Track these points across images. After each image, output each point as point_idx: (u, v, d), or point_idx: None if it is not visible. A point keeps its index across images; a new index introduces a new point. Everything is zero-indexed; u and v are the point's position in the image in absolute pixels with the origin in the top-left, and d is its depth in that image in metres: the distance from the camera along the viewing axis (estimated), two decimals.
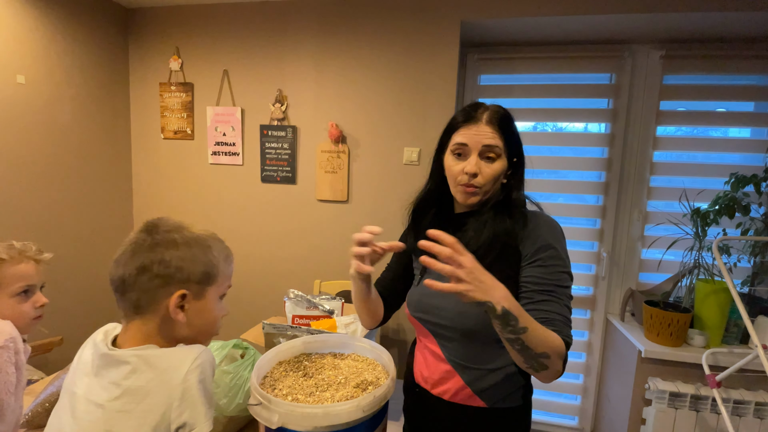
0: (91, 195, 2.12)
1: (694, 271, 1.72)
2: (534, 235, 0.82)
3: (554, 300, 0.77)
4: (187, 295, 0.66)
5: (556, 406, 2.22)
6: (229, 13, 2.10)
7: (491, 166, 0.83)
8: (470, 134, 0.83)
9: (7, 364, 0.87)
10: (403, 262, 1.04)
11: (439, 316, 0.87)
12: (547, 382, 0.76)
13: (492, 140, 0.82)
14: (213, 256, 0.69)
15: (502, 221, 0.83)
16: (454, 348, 0.87)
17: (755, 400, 1.56)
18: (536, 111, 2.06)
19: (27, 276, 0.96)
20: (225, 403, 1.03)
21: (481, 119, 0.83)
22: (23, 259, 0.96)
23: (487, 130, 0.82)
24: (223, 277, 0.71)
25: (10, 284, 0.93)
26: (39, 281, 1.00)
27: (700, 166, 1.92)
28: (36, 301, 0.98)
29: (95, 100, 2.09)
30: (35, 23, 1.78)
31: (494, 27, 1.89)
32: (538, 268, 0.79)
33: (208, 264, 0.68)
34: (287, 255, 2.19)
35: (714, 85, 1.89)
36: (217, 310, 0.71)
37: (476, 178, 0.82)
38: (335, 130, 1.98)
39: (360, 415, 0.72)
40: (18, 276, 0.94)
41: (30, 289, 0.97)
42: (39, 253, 1.00)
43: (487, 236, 0.82)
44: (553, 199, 2.11)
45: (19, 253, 0.96)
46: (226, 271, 0.72)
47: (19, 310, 0.94)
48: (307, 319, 1.56)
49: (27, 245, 0.98)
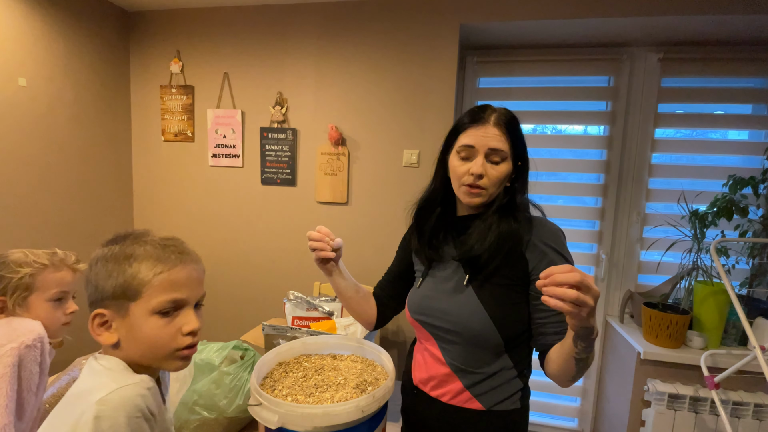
0: (92, 197, 2.13)
1: (693, 273, 1.73)
2: (541, 245, 0.82)
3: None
4: (106, 314, 0.61)
5: (555, 408, 2.22)
6: (229, 17, 2.11)
7: (497, 168, 0.82)
8: (477, 135, 0.83)
9: (32, 363, 0.90)
10: (403, 263, 1.04)
11: (443, 320, 0.86)
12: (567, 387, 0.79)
13: (498, 143, 0.81)
14: (133, 269, 0.60)
15: (507, 224, 0.83)
16: (455, 351, 0.87)
17: (754, 402, 1.56)
18: (535, 113, 2.07)
19: (64, 283, 1.01)
20: (225, 404, 1.04)
21: (488, 121, 0.83)
22: (63, 267, 1.01)
23: (494, 132, 0.82)
24: (153, 289, 0.61)
25: (49, 289, 0.98)
26: (73, 290, 1.05)
27: (698, 168, 1.93)
28: (68, 308, 1.03)
29: (96, 102, 2.10)
30: (36, 26, 1.79)
31: (493, 30, 1.90)
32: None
33: (125, 278, 0.60)
34: (287, 257, 2.20)
35: (712, 88, 1.90)
36: (151, 327, 0.61)
37: (482, 179, 0.82)
38: (335, 132, 1.99)
39: (359, 415, 0.72)
40: (56, 282, 0.99)
41: (64, 296, 1.02)
42: (77, 262, 1.05)
43: (492, 240, 0.82)
44: (553, 201, 2.12)
45: (60, 261, 1.01)
46: (161, 281, 0.61)
47: (52, 314, 0.99)
48: (306, 321, 1.56)
49: (68, 254, 1.04)
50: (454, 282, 0.88)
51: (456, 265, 0.89)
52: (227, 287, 2.30)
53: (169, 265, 0.63)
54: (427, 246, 0.93)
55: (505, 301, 0.83)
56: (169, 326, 0.62)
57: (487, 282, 0.84)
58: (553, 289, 0.58)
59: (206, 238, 2.29)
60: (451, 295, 0.87)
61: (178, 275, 0.63)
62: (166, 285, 0.62)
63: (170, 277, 0.62)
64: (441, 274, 0.91)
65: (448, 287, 0.88)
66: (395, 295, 1.04)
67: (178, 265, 0.64)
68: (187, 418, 1.04)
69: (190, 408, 1.04)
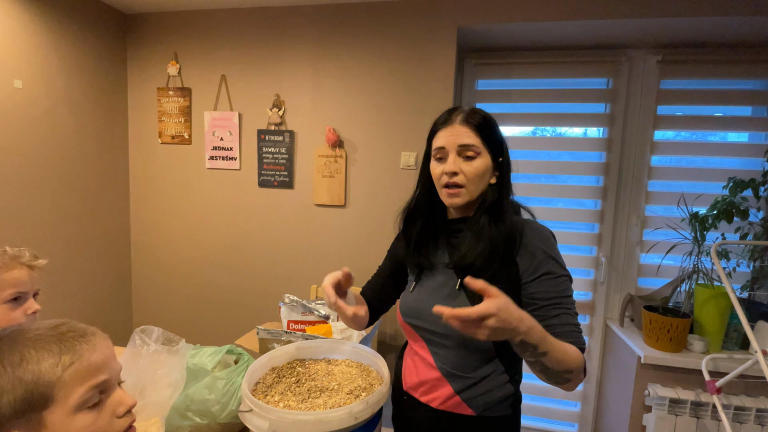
0: (89, 199, 2.11)
1: (693, 276, 1.71)
2: (531, 247, 0.81)
3: (564, 312, 0.78)
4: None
5: (556, 413, 2.19)
6: (227, 19, 2.10)
7: (472, 164, 0.82)
8: (446, 136, 0.84)
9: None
10: (392, 267, 1.03)
11: (435, 324, 0.85)
12: (569, 391, 0.78)
13: (467, 138, 0.82)
14: (31, 373, 0.50)
15: (497, 230, 0.81)
16: (446, 355, 0.86)
17: (756, 407, 1.54)
18: (534, 116, 2.06)
19: (19, 283, 0.94)
20: (218, 409, 1.02)
21: (455, 120, 0.84)
22: (16, 266, 0.95)
23: (462, 130, 0.82)
24: (69, 385, 0.52)
25: (2, 290, 0.92)
26: (32, 288, 0.98)
27: (698, 171, 1.92)
28: (28, 308, 0.96)
29: (93, 104, 2.09)
30: (33, 28, 1.78)
31: (491, 32, 1.89)
32: (543, 282, 0.79)
33: (25, 388, 0.50)
34: (284, 259, 2.18)
35: (711, 90, 1.89)
36: (81, 427, 0.53)
37: (457, 176, 0.82)
38: (332, 134, 1.98)
39: (352, 422, 0.71)
40: (9, 283, 0.93)
41: (22, 296, 0.95)
42: (33, 259, 0.98)
43: (484, 248, 0.81)
44: (552, 203, 2.11)
45: (12, 259, 0.95)
46: (75, 372, 0.52)
47: (9, 316, 0.93)
48: (302, 325, 1.55)
49: (21, 251, 0.97)
50: (448, 288, 0.87)
51: (450, 272, 0.88)
52: (222, 290, 2.28)
53: (79, 353, 0.54)
54: (415, 253, 0.93)
55: None
56: (101, 416, 0.55)
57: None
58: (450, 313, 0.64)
59: (203, 240, 2.27)
60: (444, 301, 0.86)
61: (93, 358, 0.55)
62: (83, 374, 0.53)
63: (84, 364, 0.54)
64: (435, 279, 0.90)
65: (442, 293, 0.87)
66: (383, 297, 1.05)
67: (88, 350, 0.55)
68: (179, 423, 1.02)
69: (182, 413, 1.02)
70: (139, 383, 0.95)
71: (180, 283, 2.34)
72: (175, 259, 2.33)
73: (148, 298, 2.41)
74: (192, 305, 2.34)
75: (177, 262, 2.33)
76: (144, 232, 2.36)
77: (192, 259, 2.30)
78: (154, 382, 0.96)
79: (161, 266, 2.36)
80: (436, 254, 0.91)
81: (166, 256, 2.34)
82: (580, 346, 0.76)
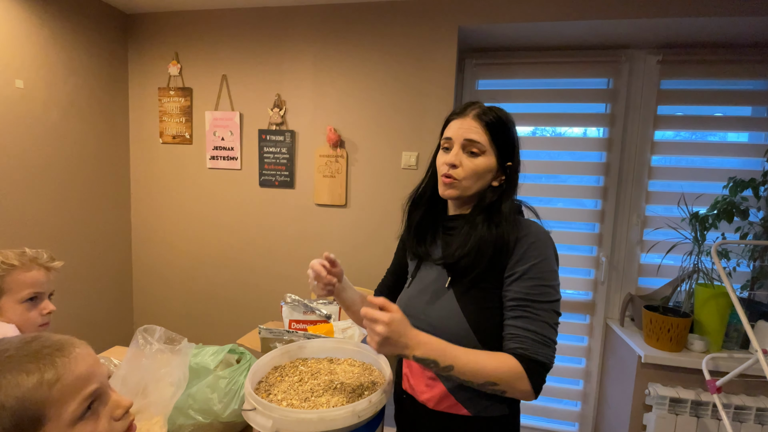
0: (90, 199, 2.11)
1: (694, 276, 1.71)
2: (521, 247, 0.79)
3: (528, 316, 0.76)
4: None
5: (556, 412, 2.20)
6: (228, 19, 2.10)
7: (473, 160, 0.82)
8: (456, 128, 0.84)
9: None
10: (401, 262, 1.03)
11: (424, 321, 0.84)
12: (526, 400, 0.77)
13: (475, 134, 0.81)
14: (14, 400, 0.47)
15: (490, 229, 0.80)
16: None
17: (756, 406, 1.55)
18: (534, 116, 2.06)
19: (36, 283, 0.98)
20: (220, 408, 1.02)
21: (468, 114, 0.83)
22: (34, 267, 0.99)
23: (472, 125, 0.82)
24: (59, 402, 0.50)
25: (19, 290, 0.95)
26: (48, 289, 1.02)
27: (698, 171, 1.92)
28: (43, 308, 1.00)
29: (94, 104, 2.09)
30: (34, 28, 1.79)
31: (492, 32, 1.89)
32: (518, 282, 0.78)
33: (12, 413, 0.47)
34: (285, 259, 2.18)
35: (711, 90, 1.89)
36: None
37: (455, 169, 0.82)
38: (333, 134, 1.98)
39: (355, 420, 0.71)
40: (27, 283, 0.97)
41: (38, 296, 0.99)
42: (50, 260, 1.02)
43: (473, 245, 0.80)
44: (552, 203, 2.11)
45: (31, 260, 0.99)
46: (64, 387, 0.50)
47: (26, 316, 0.97)
48: (304, 324, 1.55)
49: (39, 252, 1.01)
50: (439, 284, 0.87)
51: (441, 268, 0.88)
52: (224, 290, 2.28)
53: (62, 367, 0.51)
54: (414, 240, 0.93)
55: (483, 304, 0.81)
56: (100, 423, 0.54)
57: (468, 285, 0.82)
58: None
59: (204, 240, 2.27)
60: (433, 296, 0.86)
61: (78, 370, 0.52)
62: (71, 388, 0.51)
63: (70, 378, 0.51)
64: (427, 275, 0.90)
65: (432, 289, 0.87)
66: (394, 295, 1.03)
67: (70, 362, 0.52)
68: (182, 422, 1.02)
69: (185, 412, 1.02)
70: (142, 382, 0.95)
71: (181, 282, 2.34)
72: (176, 259, 2.33)
73: (149, 297, 2.41)
74: (193, 305, 2.34)
75: (178, 262, 2.33)
76: (145, 232, 2.36)
77: (193, 258, 2.30)
78: (157, 381, 0.96)
79: (162, 266, 2.36)
80: (433, 247, 0.91)
81: (167, 256, 2.34)
82: (531, 355, 0.73)
